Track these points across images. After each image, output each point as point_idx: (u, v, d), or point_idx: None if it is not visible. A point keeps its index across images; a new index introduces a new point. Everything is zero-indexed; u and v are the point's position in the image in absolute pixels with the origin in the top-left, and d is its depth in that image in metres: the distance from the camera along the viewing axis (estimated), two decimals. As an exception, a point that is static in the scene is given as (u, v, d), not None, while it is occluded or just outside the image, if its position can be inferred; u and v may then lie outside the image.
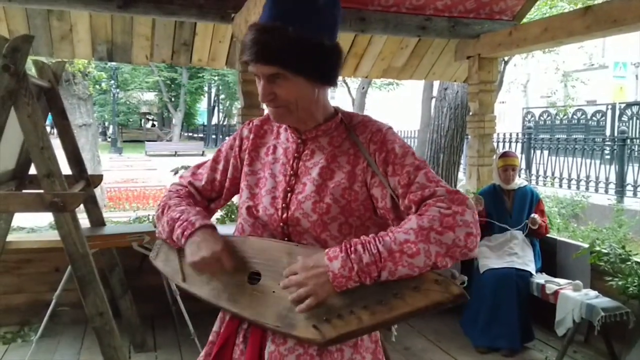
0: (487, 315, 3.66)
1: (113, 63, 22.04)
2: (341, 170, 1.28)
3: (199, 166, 1.50)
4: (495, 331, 3.62)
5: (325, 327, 1.15)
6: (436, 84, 12.62)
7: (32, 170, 3.31)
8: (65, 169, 3.05)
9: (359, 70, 5.20)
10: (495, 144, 6.74)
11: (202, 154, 27.74)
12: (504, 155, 4.12)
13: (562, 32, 3.99)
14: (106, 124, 31.69)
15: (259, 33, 1.21)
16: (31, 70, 3.26)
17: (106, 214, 6.05)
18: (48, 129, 3.25)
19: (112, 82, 24.77)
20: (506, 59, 9.61)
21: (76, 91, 9.58)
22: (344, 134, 1.33)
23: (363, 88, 13.07)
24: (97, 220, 3.36)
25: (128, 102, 33.13)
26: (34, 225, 3.69)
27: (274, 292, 1.23)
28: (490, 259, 3.84)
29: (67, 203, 2.38)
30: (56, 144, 2.77)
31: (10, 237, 3.22)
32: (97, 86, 14.12)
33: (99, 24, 4.29)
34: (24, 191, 2.50)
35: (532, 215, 3.88)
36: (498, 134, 10.69)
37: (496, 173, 4.09)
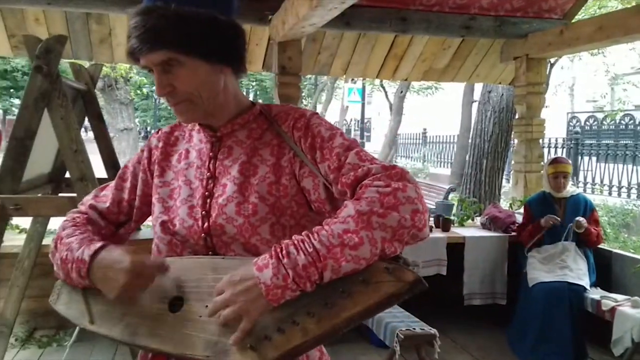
0: (537, 331, 3.44)
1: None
2: (264, 164, 1.12)
3: (102, 188, 1.29)
4: (545, 349, 3.40)
5: (266, 347, 0.95)
6: (477, 87, 12.31)
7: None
8: (102, 172, 3.02)
9: (398, 72, 5.04)
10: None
11: (240, 159, 27.99)
12: (555, 161, 3.89)
13: (619, 30, 3.75)
14: (148, 128, 32.35)
15: (139, 16, 1.03)
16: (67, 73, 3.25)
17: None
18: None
19: (154, 87, 25.31)
20: (552, 60, 9.26)
21: (118, 96, 9.75)
22: (264, 125, 1.16)
23: (401, 92, 12.83)
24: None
25: (169, 108, 33.75)
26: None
27: (200, 317, 1.02)
28: (540, 272, 3.62)
29: (99, 207, 2.31)
30: (92, 148, 2.74)
31: (46, 241, 3.19)
32: (139, 91, 14.36)
33: (137, 27, 4.28)
34: (57, 195, 2.45)
35: (578, 218, 3.62)
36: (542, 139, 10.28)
37: (546, 180, 3.86)
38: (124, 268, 1.05)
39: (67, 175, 3.24)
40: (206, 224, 1.10)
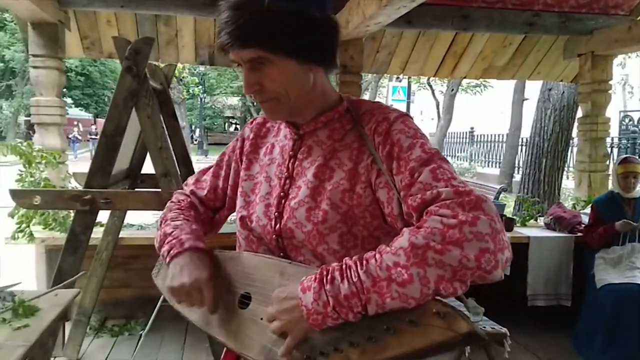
0: (606, 334, 3.36)
1: (201, 68, 22.97)
2: (341, 169, 1.05)
3: (204, 171, 1.32)
4: (614, 352, 3.31)
5: None
6: (528, 85, 12.06)
7: (143, 170, 3.43)
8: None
9: (457, 70, 5.01)
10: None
11: (283, 157, 28.19)
12: (625, 161, 3.77)
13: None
14: (193, 127, 33.05)
15: (232, 10, 0.99)
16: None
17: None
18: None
19: (200, 87, 25.78)
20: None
21: (172, 95, 10.03)
22: (348, 124, 1.09)
23: (452, 90, 12.66)
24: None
25: (214, 107, 34.46)
26: (142, 223, 3.83)
27: (261, 319, 1.03)
28: (608, 273, 3.52)
29: (182, 202, 2.41)
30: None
31: (122, 234, 3.34)
32: (190, 91, 14.72)
33: (202, 28, 4.41)
34: (143, 190, 2.56)
35: None
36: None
37: (615, 180, 3.76)
38: (198, 276, 1.09)
39: (142, 171, 3.39)
40: (278, 226, 1.09)
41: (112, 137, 2.40)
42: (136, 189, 3.10)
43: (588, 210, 4.02)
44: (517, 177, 12.37)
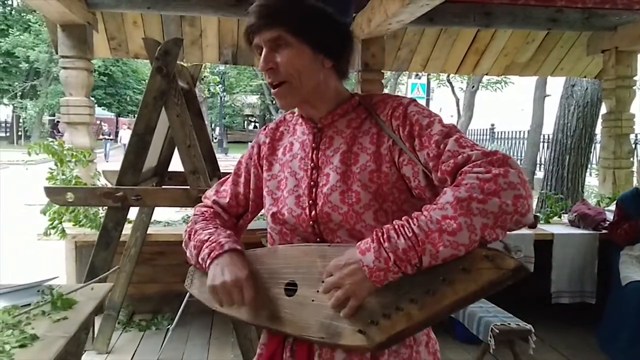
0: (631, 332, 3.33)
1: (221, 67, 23.18)
2: (365, 152, 1.15)
3: (222, 182, 1.40)
4: (639, 350, 3.29)
5: (373, 331, 1.01)
6: (550, 81, 11.89)
7: (170, 168, 3.51)
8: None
9: (479, 67, 4.99)
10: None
11: (302, 155, 28.26)
12: (650, 156, 3.74)
13: None
14: (213, 125, 33.35)
15: None
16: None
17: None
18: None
19: (220, 85, 25.98)
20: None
21: (193, 94, 10.13)
22: (363, 114, 1.19)
23: (473, 87, 12.57)
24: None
25: (233, 105, 34.71)
26: (169, 219, 3.91)
27: (313, 300, 1.10)
28: (633, 271, 3.49)
29: (210, 199, 2.46)
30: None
31: (151, 230, 3.42)
32: (209, 90, 14.85)
33: (226, 28, 4.47)
34: (172, 187, 2.62)
35: None
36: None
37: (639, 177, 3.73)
38: (238, 275, 1.16)
39: (169, 169, 3.46)
40: (313, 212, 1.16)
41: (143, 136, 2.47)
42: (164, 187, 3.17)
43: (613, 207, 3.98)
44: (539, 174, 12.24)
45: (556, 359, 3.45)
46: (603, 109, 4.81)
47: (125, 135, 22.79)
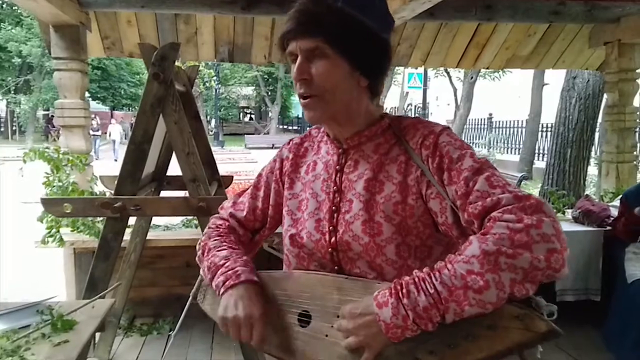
0: (638, 331, 3.30)
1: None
2: (391, 182, 1.08)
3: (240, 194, 1.36)
4: (647, 348, 3.26)
5: None
6: (549, 70, 11.84)
7: (168, 172, 3.44)
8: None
9: (480, 61, 4.93)
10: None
11: (299, 146, 28.20)
12: (655, 152, 3.69)
13: None
14: (208, 118, 33.18)
15: (304, 4, 1.07)
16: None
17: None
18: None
19: (215, 78, 25.79)
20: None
21: (188, 89, 10.02)
22: (392, 139, 1.13)
23: (472, 78, 12.51)
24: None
25: (228, 97, 34.52)
26: (167, 223, 3.85)
27: (326, 336, 1.05)
28: (639, 268, 3.46)
29: (211, 207, 2.41)
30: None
31: (150, 236, 3.36)
32: (204, 84, 14.74)
33: (221, 26, 4.39)
34: (170, 195, 2.57)
35: None
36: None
37: (645, 172, 3.68)
38: (252, 312, 1.10)
39: (167, 173, 3.39)
40: (333, 239, 1.11)
41: (141, 144, 2.40)
42: (164, 195, 3.10)
43: (616, 202, 3.94)
44: (537, 163, 12.24)
45: (563, 359, 3.42)
46: (605, 101, 4.76)
47: (114, 130, 22.01)
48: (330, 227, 1.12)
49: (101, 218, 3.02)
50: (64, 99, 3.77)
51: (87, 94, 3.99)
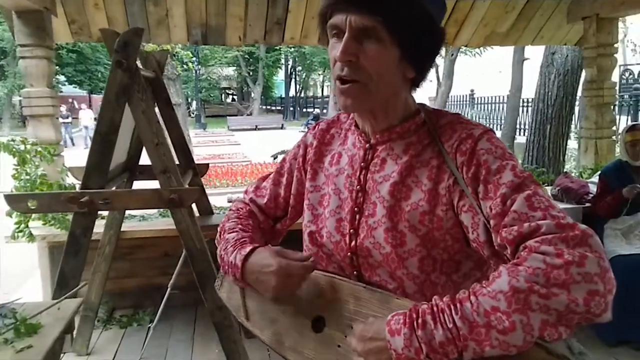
0: (617, 306, 3.27)
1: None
2: (419, 188, 0.98)
3: (264, 178, 1.29)
4: (626, 323, 3.28)
5: None
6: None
7: (142, 161, 3.35)
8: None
9: (459, 38, 4.85)
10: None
11: (282, 127, 28.07)
12: (633, 128, 3.67)
13: None
14: (189, 100, 32.76)
15: None
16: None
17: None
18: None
19: (194, 59, 25.37)
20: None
21: (165, 72, 9.80)
22: (426, 139, 1.02)
23: (452, 55, 12.44)
24: (205, 209, 3.37)
25: (209, 78, 34.07)
26: (144, 213, 3.77)
27: (339, 346, 1.00)
28: (618, 244, 3.49)
29: (184, 199, 2.35)
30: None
31: (124, 227, 3.28)
32: (185, 66, 14.48)
33: (193, 7, 4.25)
34: (142, 188, 2.49)
35: None
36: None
37: (623, 148, 3.67)
38: (274, 271, 1.01)
39: (141, 162, 3.30)
40: (353, 243, 1.04)
41: (107, 135, 2.31)
42: (134, 188, 3.02)
43: (595, 179, 3.95)
44: (519, 139, 12.28)
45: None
46: (583, 77, 4.74)
47: (85, 116, 21.27)
48: (352, 230, 1.04)
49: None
50: (30, 88, 3.64)
51: (63, 78, 3.84)
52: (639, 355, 3.20)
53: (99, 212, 2.61)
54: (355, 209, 1.05)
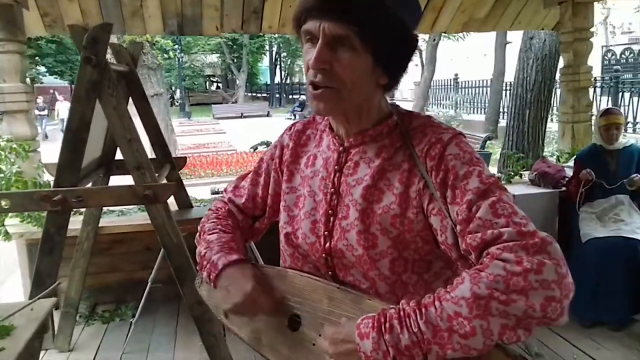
0: (592, 288, 3.40)
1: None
2: (391, 191, 1.00)
3: (242, 177, 1.31)
4: (601, 304, 3.36)
5: None
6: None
7: (118, 155, 3.33)
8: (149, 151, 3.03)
9: (437, 25, 4.85)
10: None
11: (268, 115, 27.94)
12: (607, 112, 3.72)
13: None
14: (173, 88, 32.44)
15: None
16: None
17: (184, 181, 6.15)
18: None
19: (177, 46, 25.10)
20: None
21: (145, 61, 9.69)
22: (398, 142, 1.04)
23: (434, 40, 12.43)
24: (184, 202, 3.36)
25: (193, 66, 33.71)
26: (122, 208, 3.75)
27: (313, 344, 1.03)
28: (593, 227, 3.54)
29: (158, 194, 2.34)
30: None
31: (102, 223, 3.27)
32: (166, 55, 14.31)
33: (168, -3, 4.20)
34: (116, 185, 2.48)
35: (632, 176, 3.50)
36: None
37: (597, 132, 3.72)
38: (245, 292, 1.07)
39: (117, 157, 3.28)
40: (328, 244, 1.06)
41: (78, 132, 2.29)
42: (110, 184, 3.01)
43: (572, 163, 4.00)
44: (502, 122, 12.36)
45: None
46: (561, 61, 4.77)
47: (63, 108, 20.59)
48: (326, 232, 1.07)
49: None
50: (3, 83, 3.58)
51: (43, 69, 3.78)
52: (614, 336, 3.27)
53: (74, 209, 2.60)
54: (330, 211, 1.07)
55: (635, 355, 3.02)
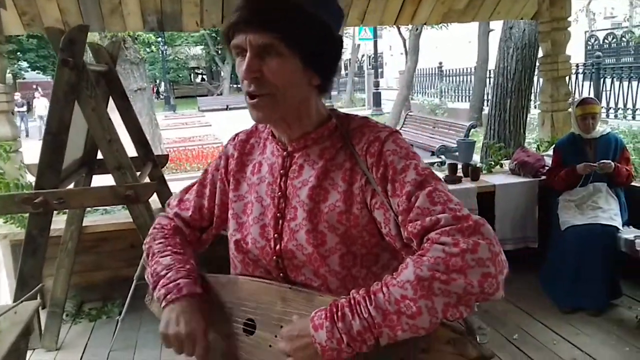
0: (571, 274, 3.48)
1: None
2: (335, 190, 1.06)
3: (187, 190, 1.31)
4: (579, 291, 3.44)
5: None
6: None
7: (100, 154, 3.33)
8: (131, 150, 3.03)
9: (417, 17, 4.87)
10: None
11: (253, 106, 27.79)
12: (583, 102, 3.78)
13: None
14: (157, 81, 32.17)
15: None
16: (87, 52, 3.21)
17: (169, 176, 6.15)
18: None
19: (160, 39, 24.86)
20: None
21: (128, 56, 9.62)
22: (339, 143, 1.09)
23: (417, 30, 12.45)
24: (167, 199, 3.38)
25: (177, 58, 33.42)
26: (105, 207, 3.75)
27: (270, 346, 1.05)
28: (571, 215, 3.62)
29: (140, 194, 2.36)
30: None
31: (86, 222, 3.27)
32: (148, 49, 14.18)
33: (147, -7, 4.18)
34: (98, 186, 2.49)
35: (601, 161, 3.56)
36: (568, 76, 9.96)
37: (575, 122, 3.78)
38: (194, 328, 1.08)
39: (99, 156, 3.28)
40: (278, 247, 1.09)
41: (57, 134, 2.30)
42: (91, 185, 3.01)
43: (551, 152, 4.07)
44: (487, 110, 12.44)
45: (503, 305, 3.56)
46: (540, 52, 4.83)
47: (40, 104, 19.81)
48: (275, 235, 1.10)
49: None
50: (-19, 84, 3.56)
51: (25, 64, 3.75)
52: (593, 321, 3.34)
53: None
54: (278, 214, 1.10)
55: (613, 339, 3.10)
